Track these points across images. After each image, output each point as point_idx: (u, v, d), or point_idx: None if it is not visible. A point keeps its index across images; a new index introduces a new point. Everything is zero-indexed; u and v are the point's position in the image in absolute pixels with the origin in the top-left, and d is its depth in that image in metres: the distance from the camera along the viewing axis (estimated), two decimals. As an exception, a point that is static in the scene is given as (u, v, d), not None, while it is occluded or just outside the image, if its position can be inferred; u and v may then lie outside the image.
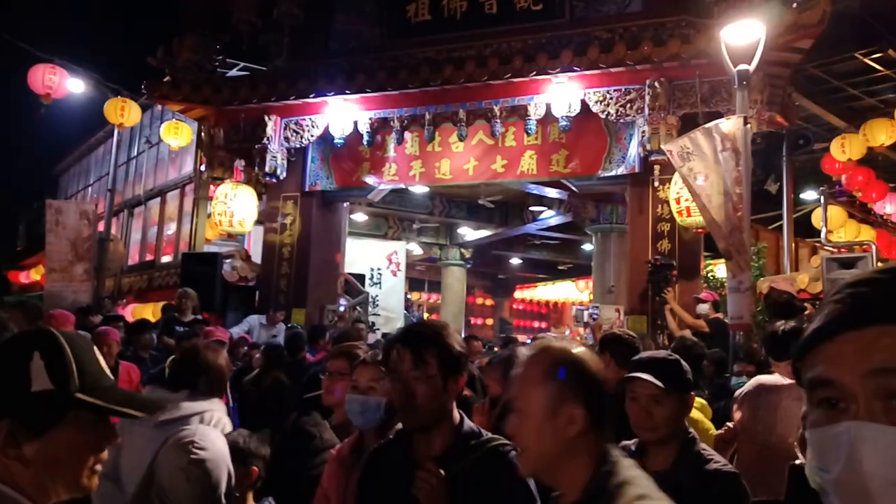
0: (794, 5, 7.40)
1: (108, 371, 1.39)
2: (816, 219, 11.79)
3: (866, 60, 11.43)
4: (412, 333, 2.10)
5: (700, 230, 7.96)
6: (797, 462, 2.54)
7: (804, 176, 13.39)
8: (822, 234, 11.34)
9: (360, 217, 15.26)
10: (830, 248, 10.43)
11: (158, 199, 16.67)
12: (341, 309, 10.58)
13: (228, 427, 3.17)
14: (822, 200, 11.49)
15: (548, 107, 8.77)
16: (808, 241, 12.87)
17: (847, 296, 0.81)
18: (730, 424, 3.79)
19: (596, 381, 1.63)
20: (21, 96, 13.14)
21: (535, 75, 8.60)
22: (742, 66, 6.53)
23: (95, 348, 1.41)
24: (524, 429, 1.61)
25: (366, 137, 9.81)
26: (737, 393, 3.78)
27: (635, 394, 2.49)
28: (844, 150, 11.68)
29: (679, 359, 2.60)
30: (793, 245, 11.69)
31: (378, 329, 12.29)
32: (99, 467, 1.33)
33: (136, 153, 18.27)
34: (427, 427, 2.04)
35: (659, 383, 2.43)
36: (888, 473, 0.74)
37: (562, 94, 8.63)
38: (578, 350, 1.67)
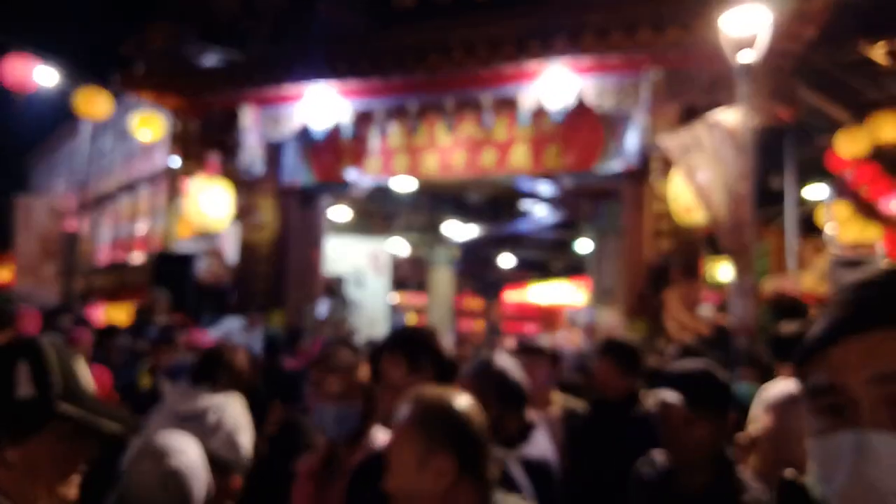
0: (797, -7, 7.10)
1: (90, 383, 1.42)
2: (820, 215, 11.51)
3: (872, 53, 11.12)
4: (405, 339, 2.09)
5: (701, 228, 7.69)
6: (786, 475, 2.19)
7: (808, 171, 13.10)
8: (827, 232, 11.05)
9: (342, 214, 14.79)
10: (836, 249, 10.13)
11: (130, 194, 16.28)
12: (323, 312, 10.22)
13: (247, 423, 3.23)
14: (828, 197, 11.21)
15: (540, 97, 8.46)
16: (812, 239, 12.60)
17: (850, 299, 0.80)
18: (750, 429, 3.52)
19: (466, 428, 1.58)
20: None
21: (526, 63, 8.30)
22: (744, 56, 6.23)
23: (82, 360, 1.44)
24: (397, 485, 1.58)
25: (347, 129, 9.47)
26: (765, 397, 3.51)
27: (663, 413, 2.30)
28: (849, 144, 11.39)
29: (714, 374, 2.36)
30: (797, 243, 11.41)
31: (361, 332, 11.88)
32: (77, 479, 1.37)
33: (107, 146, 17.95)
34: None
35: (688, 403, 2.23)
36: (894, 483, 0.71)
37: (555, 83, 8.38)
38: (451, 397, 1.64)
